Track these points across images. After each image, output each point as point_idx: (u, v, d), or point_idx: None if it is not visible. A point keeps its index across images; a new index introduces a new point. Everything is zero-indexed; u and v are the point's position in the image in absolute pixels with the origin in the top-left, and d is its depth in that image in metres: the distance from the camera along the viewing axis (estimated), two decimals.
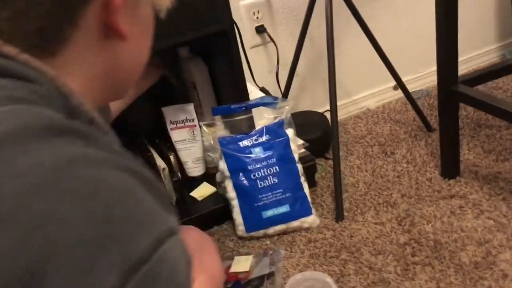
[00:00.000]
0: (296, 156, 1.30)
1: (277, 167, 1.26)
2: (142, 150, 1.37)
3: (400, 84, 1.60)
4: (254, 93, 1.46)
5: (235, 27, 1.25)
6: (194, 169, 1.44)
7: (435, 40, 1.23)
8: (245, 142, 1.29)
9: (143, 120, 1.52)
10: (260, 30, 1.63)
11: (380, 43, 1.53)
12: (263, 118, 1.34)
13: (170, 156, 1.40)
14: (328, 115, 1.61)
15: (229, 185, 1.29)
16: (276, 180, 1.26)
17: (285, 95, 1.67)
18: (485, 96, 1.19)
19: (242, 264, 1.19)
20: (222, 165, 1.29)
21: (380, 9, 1.77)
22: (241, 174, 1.27)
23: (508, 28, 2.02)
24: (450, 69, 1.23)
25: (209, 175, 1.46)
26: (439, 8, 1.18)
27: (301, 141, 1.39)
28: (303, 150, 1.39)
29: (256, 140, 1.29)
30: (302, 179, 1.30)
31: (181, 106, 1.38)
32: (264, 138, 1.29)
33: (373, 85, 1.88)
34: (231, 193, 1.29)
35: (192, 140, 1.40)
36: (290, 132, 1.30)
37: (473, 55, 1.99)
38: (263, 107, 1.34)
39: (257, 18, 1.62)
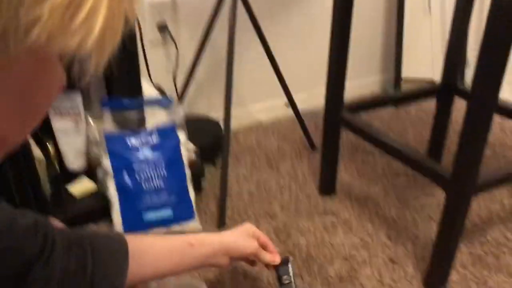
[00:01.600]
0: (185, 161, 1.29)
1: (164, 171, 1.24)
2: None
3: (291, 102, 1.68)
4: (149, 91, 1.42)
5: (134, 21, 1.21)
6: (75, 162, 1.36)
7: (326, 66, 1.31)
8: (133, 141, 1.25)
9: None
10: (162, 28, 1.60)
11: (278, 60, 1.59)
12: (155, 118, 1.31)
13: (48, 146, 1.30)
14: (221, 122, 1.64)
15: (111, 184, 1.23)
16: (162, 183, 1.24)
17: (181, 97, 1.65)
18: (364, 124, 1.30)
19: None
20: (106, 162, 1.24)
21: (281, 27, 1.84)
22: (125, 173, 1.23)
23: (390, 62, 2.23)
24: (336, 96, 1.33)
25: (91, 170, 1.39)
26: (333, 38, 1.26)
27: (192, 146, 1.38)
28: (193, 154, 1.39)
29: (145, 140, 1.26)
30: (189, 184, 1.30)
31: (67, 93, 1.29)
32: (154, 139, 1.26)
33: (267, 100, 1.94)
34: (112, 192, 1.23)
35: (75, 131, 1.32)
36: (182, 135, 1.29)
37: (358, 83, 2.16)
38: (156, 107, 1.31)
39: (160, 16, 1.58)
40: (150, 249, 0.69)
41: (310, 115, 1.95)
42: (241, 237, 0.92)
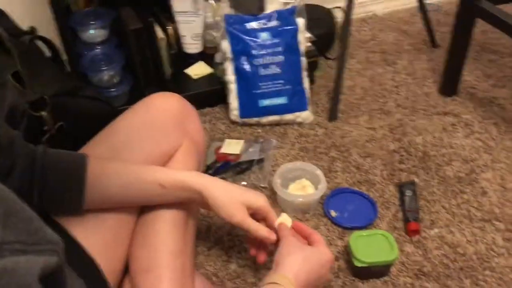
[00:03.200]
0: (302, 49, 1.25)
1: (282, 57, 1.22)
2: (142, 16, 1.27)
3: None
4: None
5: None
6: (192, 45, 1.37)
7: None
8: (253, 25, 1.22)
9: None
10: None
11: None
12: (274, 1, 1.26)
13: (168, 28, 1.32)
14: (336, 12, 1.55)
15: (229, 68, 1.24)
16: (279, 70, 1.22)
17: None
18: (505, 14, 1.15)
19: (232, 147, 1.19)
20: (225, 45, 1.23)
21: None
22: (244, 57, 1.22)
23: None
24: None
25: (206, 55, 1.40)
26: None
27: (309, 34, 1.33)
28: (309, 44, 1.34)
29: (265, 24, 1.22)
30: (305, 73, 1.27)
31: None
32: (274, 23, 1.22)
33: None
34: (230, 76, 1.24)
35: (195, 13, 1.32)
36: (301, 21, 1.24)
37: None
38: None
39: None
40: (115, 180, 0.66)
41: (432, 10, 1.77)
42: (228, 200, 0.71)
